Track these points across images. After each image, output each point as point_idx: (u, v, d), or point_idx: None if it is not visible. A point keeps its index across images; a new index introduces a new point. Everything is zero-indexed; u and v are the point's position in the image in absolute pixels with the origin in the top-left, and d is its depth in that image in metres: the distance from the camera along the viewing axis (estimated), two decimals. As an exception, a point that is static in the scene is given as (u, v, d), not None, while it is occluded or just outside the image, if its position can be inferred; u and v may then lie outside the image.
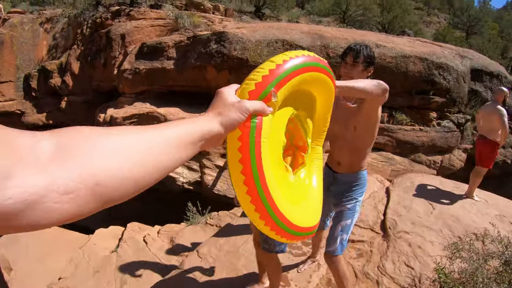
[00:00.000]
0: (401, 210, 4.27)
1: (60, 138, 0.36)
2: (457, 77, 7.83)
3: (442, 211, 4.23)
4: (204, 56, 6.23)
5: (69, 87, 8.82)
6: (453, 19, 22.25)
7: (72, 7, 9.50)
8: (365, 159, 2.06)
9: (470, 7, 22.50)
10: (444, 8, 28.93)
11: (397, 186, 5.23)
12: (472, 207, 4.53)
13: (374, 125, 1.94)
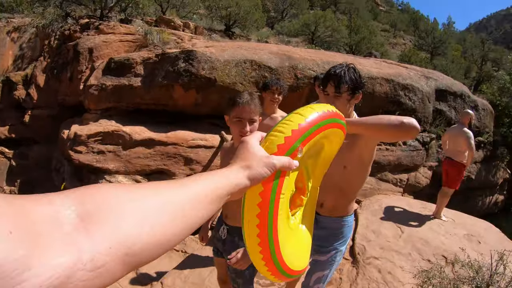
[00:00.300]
0: (370, 235, 4.30)
1: (83, 203, 0.33)
2: (422, 97, 8.11)
3: (411, 234, 4.28)
4: (171, 74, 6.15)
5: (34, 100, 8.47)
6: (418, 40, 23.35)
7: (41, 17, 9.21)
8: (351, 203, 1.82)
9: (434, 29, 23.70)
10: (410, 30, 30.40)
11: (365, 209, 5.28)
12: (440, 228, 4.63)
13: (367, 166, 1.73)
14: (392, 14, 36.25)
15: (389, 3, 45.17)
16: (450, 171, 4.81)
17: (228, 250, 1.80)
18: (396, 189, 8.04)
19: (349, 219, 1.81)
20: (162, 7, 9.86)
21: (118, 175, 6.51)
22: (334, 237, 1.78)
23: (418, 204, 6.08)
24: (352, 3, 28.37)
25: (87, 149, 6.62)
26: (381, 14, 34.34)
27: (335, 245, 1.77)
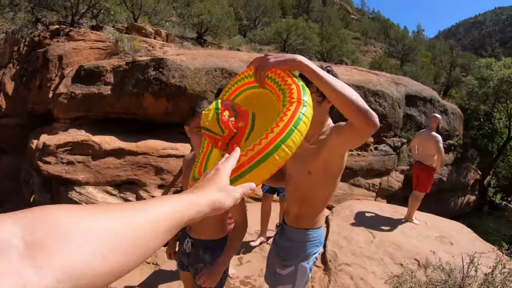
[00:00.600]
0: (342, 241, 4.29)
1: (32, 230, 0.30)
2: (392, 103, 8.25)
3: (383, 239, 4.29)
4: (142, 82, 6.05)
5: (2, 109, 8.19)
6: (389, 48, 23.95)
7: (10, 23, 8.93)
8: (317, 216, 1.67)
9: (404, 37, 24.37)
10: (380, 38, 31.20)
11: (336, 215, 5.28)
12: (412, 231, 4.66)
13: (333, 176, 1.57)
14: (363, 22, 37.11)
15: (360, 11, 46.27)
16: (420, 174, 4.87)
17: (193, 263, 1.75)
18: (369, 194, 8.14)
19: (313, 233, 1.65)
20: (134, 14, 9.73)
21: (88, 186, 6.34)
22: (296, 250, 1.65)
23: (390, 208, 6.15)
24: (324, 12, 28.95)
25: (56, 160, 6.42)
26: (352, 22, 35.10)
27: (296, 260, 1.63)
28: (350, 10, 41.67)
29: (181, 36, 9.38)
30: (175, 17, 11.76)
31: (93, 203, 6.29)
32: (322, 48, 15.06)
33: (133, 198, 6.23)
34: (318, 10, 29.89)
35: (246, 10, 20.14)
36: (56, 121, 6.89)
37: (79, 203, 6.34)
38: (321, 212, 1.67)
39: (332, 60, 14.28)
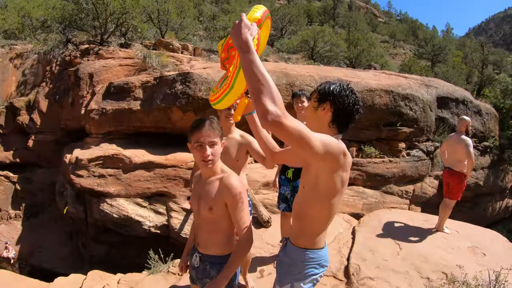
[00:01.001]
0: (366, 253, 4.15)
1: None
2: (423, 106, 8.04)
3: (410, 251, 4.12)
4: (169, 97, 6.21)
5: (37, 126, 8.62)
6: (418, 49, 23.37)
7: (42, 44, 9.46)
8: (317, 235, 1.55)
9: (434, 37, 23.69)
10: (409, 40, 30.53)
11: (364, 226, 5.12)
12: (442, 241, 4.45)
13: (322, 195, 1.44)
14: (391, 24, 36.49)
15: (387, 14, 45.56)
16: (450, 181, 4.65)
17: (201, 278, 1.77)
18: (402, 201, 7.91)
19: (311, 254, 1.54)
20: (161, 30, 10.06)
21: (119, 198, 6.52)
22: (292, 269, 1.58)
23: (421, 217, 5.89)
24: (351, 17, 28.63)
25: (89, 173, 6.66)
26: (380, 25, 34.61)
27: (291, 278, 1.56)
28: (376, 13, 41.20)
29: (208, 49, 9.60)
30: (201, 31, 12.08)
31: (124, 214, 6.46)
32: (350, 53, 15.01)
33: (163, 210, 6.35)
34: (344, 15, 29.65)
35: (272, 19, 20.22)
36: (89, 136, 7.17)
37: (111, 214, 6.53)
38: (321, 233, 1.56)
39: (361, 65, 14.12)
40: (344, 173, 1.40)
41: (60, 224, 8.76)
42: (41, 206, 9.33)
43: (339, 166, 1.36)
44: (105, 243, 7.34)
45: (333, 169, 1.37)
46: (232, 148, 2.56)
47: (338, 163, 1.34)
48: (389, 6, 57.09)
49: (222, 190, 1.58)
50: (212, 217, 1.62)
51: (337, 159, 1.32)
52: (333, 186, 1.42)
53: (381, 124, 7.67)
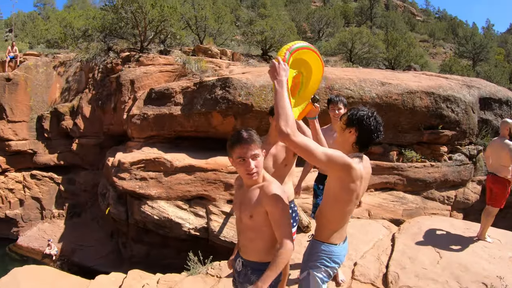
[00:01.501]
0: (406, 261, 4.03)
1: None
2: (465, 108, 7.69)
3: (450, 260, 3.96)
4: (209, 102, 6.34)
5: (81, 130, 9.07)
6: (459, 48, 22.39)
7: (85, 52, 9.96)
8: (331, 232, 1.81)
9: (474, 34, 22.65)
10: (449, 38, 29.22)
11: (404, 233, 4.97)
12: (483, 251, 4.24)
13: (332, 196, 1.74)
14: (429, 23, 35.08)
15: (425, 12, 43.92)
16: (494, 188, 4.38)
17: (242, 282, 1.81)
18: (443, 207, 7.59)
19: (325, 247, 1.81)
20: (199, 36, 10.31)
21: (160, 201, 6.72)
22: (310, 258, 1.84)
23: (462, 225, 5.61)
24: (388, 16, 27.77)
25: (130, 176, 6.91)
26: (418, 24, 33.37)
27: (307, 266, 1.84)
28: (414, 11, 39.95)
29: (247, 54, 9.74)
30: (239, 36, 12.28)
31: (165, 216, 6.64)
32: (389, 54, 14.70)
33: (202, 213, 6.47)
34: (381, 15, 28.86)
35: (309, 22, 20.18)
36: (130, 140, 7.44)
37: (151, 216, 6.73)
38: (335, 231, 1.81)
39: (400, 66, 13.74)
40: (352, 184, 1.67)
41: (101, 224, 9.15)
42: (84, 206, 9.79)
43: (346, 177, 1.64)
44: (145, 243, 7.58)
45: (341, 179, 1.66)
46: (280, 154, 2.57)
47: (344, 173, 1.62)
48: (427, 3, 54.86)
49: (262, 198, 1.60)
50: (253, 225, 1.66)
51: (341, 169, 1.61)
52: (342, 194, 1.70)
53: (422, 127, 7.43)
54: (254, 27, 9.84)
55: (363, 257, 4.19)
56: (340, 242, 1.85)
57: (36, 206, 9.96)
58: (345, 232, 1.89)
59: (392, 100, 6.92)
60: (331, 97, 3.24)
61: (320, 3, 30.64)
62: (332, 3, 30.24)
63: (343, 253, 1.88)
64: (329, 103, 3.22)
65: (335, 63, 11.11)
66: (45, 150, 9.81)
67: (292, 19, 17.18)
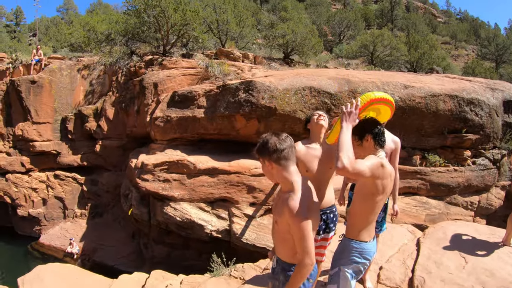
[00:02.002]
0: (431, 266, 3.98)
1: None
2: (489, 111, 7.50)
3: (476, 265, 3.89)
4: (233, 105, 6.38)
5: (104, 132, 9.28)
6: (481, 50, 21.89)
7: (108, 56, 10.20)
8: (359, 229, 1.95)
9: (496, 35, 22.09)
10: (471, 40, 28.59)
11: (429, 238, 4.90)
12: (509, 256, 4.13)
13: (360, 196, 1.93)
14: (451, 24, 34.47)
15: (446, 13, 43.16)
16: None
17: (273, 277, 1.88)
18: (466, 213, 7.42)
19: (354, 244, 1.93)
20: (221, 40, 10.44)
21: (183, 203, 6.79)
22: (340, 254, 1.97)
23: (487, 230, 5.49)
24: (409, 18, 27.44)
25: (154, 178, 7.02)
26: (440, 26, 32.86)
27: (338, 262, 1.96)
28: (435, 13, 39.41)
29: (268, 57, 9.79)
30: (260, 39, 12.37)
31: (187, 218, 6.70)
32: (410, 57, 14.54)
33: (225, 215, 6.51)
34: (402, 17, 28.64)
35: (330, 25, 20.19)
36: (153, 142, 7.57)
37: (174, 217, 6.81)
38: (364, 228, 1.94)
39: (422, 69, 13.54)
40: (383, 181, 1.86)
41: (123, 224, 9.31)
42: (106, 206, 10.00)
43: (378, 176, 1.83)
44: (167, 244, 7.67)
45: (374, 178, 1.83)
46: (326, 156, 2.51)
47: (378, 174, 1.82)
48: (448, 4, 53.56)
49: (283, 208, 1.63)
50: (279, 229, 1.72)
51: (377, 172, 1.81)
52: (374, 189, 1.86)
53: (445, 131, 7.28)
54: (276, 30, 9.87)
55: (388, 261, 4.18)
56: (369, 240, 1.96)
57: (59, 206, 10.21)
58: (373, 230, 2.00)
59: (415, 104, 6.81)
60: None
61: (341, 6, 30.51)
62: (352, 6, 30.10)
63: (373, 250, 1.98)
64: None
65: (356, 66, 11.02)
66: (69, 151, 10.05)
67: (313, 22, 17.17)
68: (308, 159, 2.51)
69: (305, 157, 2.51)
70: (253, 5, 20.32)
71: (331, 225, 2.57)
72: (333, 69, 8.02)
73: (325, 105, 6.31)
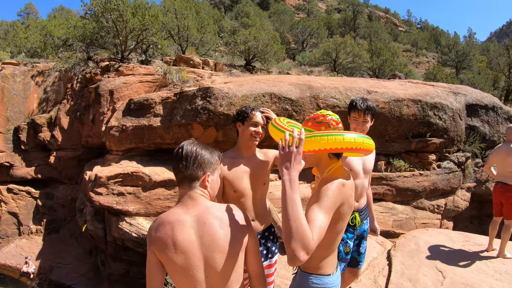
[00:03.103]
0: (406, 284, 3.77)
1: None
2: (453, 115, 7.63)
3: (454, 280, 3.72)
4: (190, 113, 6.08)
5: (58, 142, 8.68)
6: (442, 57, 22.96)
7: (64, 61, 9.63)
8: (320, 260, 1.49)
9: (456, 43, 23.27)
10: (431, 47, 30.06)
11: (400, 250, 4.74)
12: (487, 266, 4.03)
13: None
14: (412, 33, 36.11)
15: (407, 22, 45.29)
16: (506, 197, 4.15)
17: None
18: (433, 216, 7.45)
19: (314, 279, 1.51)
20: (181, 46, 10.10)
21: (139, 217, 6.38)
22: None
23: (460, 236, 5.43)
24: (371, 27, 28.49)
25: (108, 191, 6.57)
26: (401, 34, 34.32)
27: None
28: (397, 22, 41.05)
29: (230, 64, 9.54)
30: (222, 46, 12.10)
31: (143, 234, 6.29)
32: (373, 64, 14.72)
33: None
34: (364, 26, 29.66)
35: (293, 33, 20.41)
36: (109, 153, 7.11)
37: (130, 233, 6.37)
38: (325, 257, 1.52)
39: (385, 76, 13.81)
40: (348, 203, 1.47)
41: (80, 240, 8.72)
42: (62, 221, 9.34)
43: (342, 203, 1.43)
44: (125, 261, 7.20)
45: (338, 208, 1.46)
46: (258, 170, 2.19)
47: (342, 201, 1.43)
48: (409, 14, 56.68)
49: None
50: None
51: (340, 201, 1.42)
52: (337, 216, 1.45)
53: (409, 136, 7.32)
54: (237, 36, 9.68)
55: (358, 280, 3.92)
56: (333, 271, 1.56)
57: (13, 222, 9.50)
58: (336, 258, 1.60)
59: (379, 109, 6.78)
60: (355, 103, 2.36)
61: (304, 15, 31.16)
62: (316, 15, 30.77)
63: (337, 283, 1.57)
64: (352, 110, 2.37)
65: (319, 73, 11.06)
66: (22, 163, 9.37)
67: (276, 29, 17.26)
68: (235, 176, 2.12)
69: (230, 174, 2.11)
70: (216, 12, 20.24)
71: (272, 249, 2.28)
72: (295, 75, 7.91)
73: (286, 111, 6.14)
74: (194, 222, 1.25)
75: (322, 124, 1.49)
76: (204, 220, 1.25)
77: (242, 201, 2.12)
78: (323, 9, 37.66)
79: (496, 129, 8.85)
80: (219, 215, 1.28)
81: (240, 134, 2.21)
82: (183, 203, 1.29)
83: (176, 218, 1.25)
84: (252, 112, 2.17)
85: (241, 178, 2.12)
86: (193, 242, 1.22)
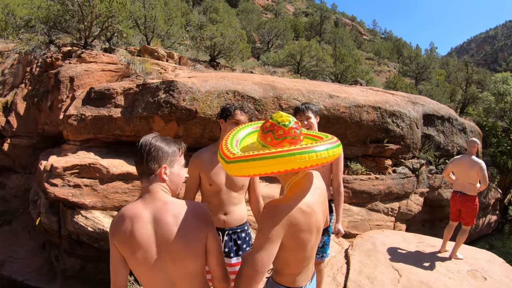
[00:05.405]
0: (364, 282, 3.92)
1: None
2: (410, 123, 8.01)
3: (410, 278, 3.93)
4: (152, 105, 5.96)
5: (13, 129, 8.20)
6: (403, 67, 24.04)
7: (24, 43, 9.08)
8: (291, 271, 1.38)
9: (418, 55, 24.51)
10: (393, 58, 31.43)
11: (358, 250, 4.92)
12: (441, 266, 4.28)
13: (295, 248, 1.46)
14: (375, 42, 37.54)
15: (372, 32, 46.97)
16: (464, 207, 4.30)
17: None
18: (387, 219, 7.80)
19: None
20: (147, 37, 9.85)
21: (95, 211, 6.19)
22: None
23: (414, 238, 5.74)
24: (337, 33, 29.28)
25: (63, 182, 6.31)
26: (365, 43, 35.58)
27: None
28: (362, 31, 42.27)
29: (194, 59, 9.37)
30: (188, 40, 11.87)
31: (99, 228, 6.11)
32: (336, 69, 14.95)
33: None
34: (330, 31, 30.34)
35: (259, 33, 20.43)
36: (66, 143, 6.83)
37: (85, 227, 6.17)
38: (300, 272, 1.41)
39: (347, 81, 14.17)
40: (315, 225, 1.36)
41: (33, 234, 8.32)
42: (14, 213, 8.86)
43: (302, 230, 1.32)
44: (80, 256, 6.97)
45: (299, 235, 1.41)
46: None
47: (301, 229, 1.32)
48: (374, 24, 58.92)
49: None
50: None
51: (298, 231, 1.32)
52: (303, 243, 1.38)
53: (368, 141, 7.59)
54: (204, 32, 9.55)
55: None
56: (307, 282, 1.42)
57: (-38, 212, 8.88)
58: (311, 270, 1.45)
59: (339, 113, 6.97)
60: (297, 106, 2.77)
61: (272, 15, 31.41)
62: (283, 16, 31.14)
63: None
64: (296, 113, 2.72)
65: (282, 74, 11.18)
66: (-27, 150, 8.77)
67: (243, 28, 17.25)
68: (212, 169, 2.13)
69: (208, 168, 2.13)
70: (184, 6, 19.89)
71: (243, 246, 2.27)
72: (259, 75, 7.95)
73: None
74: (151, 218, 1.24)
75: (285, 140, 1.30)
76: (160, 217, 1.23)
77: (218, 195, 2.16)
78: (291, 11, 38.15)
79: (451, 139, 9.38)
80: (176, 211, 1.25)
81: (222, 131, 2.26)
82: (143, 197, 1.28)
83: (135, 212, 1.24)
84: (235, 111, 2.20)
85: (217, 173, 2.15)
86: (151, 237, 1.22)
